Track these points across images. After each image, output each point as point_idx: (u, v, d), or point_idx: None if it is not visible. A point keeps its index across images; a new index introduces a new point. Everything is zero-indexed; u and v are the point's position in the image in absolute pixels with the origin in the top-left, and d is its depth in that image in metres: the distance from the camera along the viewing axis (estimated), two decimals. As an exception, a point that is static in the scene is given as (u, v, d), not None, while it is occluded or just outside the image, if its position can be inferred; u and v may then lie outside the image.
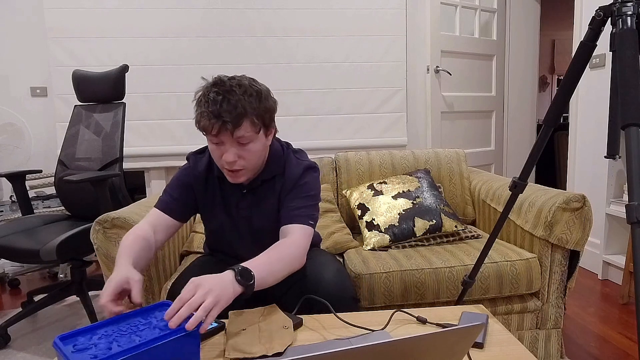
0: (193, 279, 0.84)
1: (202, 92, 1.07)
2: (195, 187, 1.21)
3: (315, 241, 1.41)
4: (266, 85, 1.15)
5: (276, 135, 1.20)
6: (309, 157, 1.31)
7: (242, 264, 0.92)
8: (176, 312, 0.78)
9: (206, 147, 1.24)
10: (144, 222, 1.14)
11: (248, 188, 1.19)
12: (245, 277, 0.88)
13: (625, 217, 1.83)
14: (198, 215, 1.75)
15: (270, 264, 0.98)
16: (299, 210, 1.14)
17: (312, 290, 1.12)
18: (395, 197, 1.78)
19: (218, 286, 0.83)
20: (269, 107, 1.10)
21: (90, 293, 2.08)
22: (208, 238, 1.35)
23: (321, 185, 1.96)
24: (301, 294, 1.11)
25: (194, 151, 1.27)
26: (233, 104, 1.02)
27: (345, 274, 1.22)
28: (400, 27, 3.05)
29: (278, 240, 1.11)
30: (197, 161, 1.23)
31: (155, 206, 1.20)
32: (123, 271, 0.90)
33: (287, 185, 1.18)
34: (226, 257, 1.28)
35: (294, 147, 1.28)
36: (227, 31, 2.89)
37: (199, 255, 1.48)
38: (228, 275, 0.87)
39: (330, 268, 1.18)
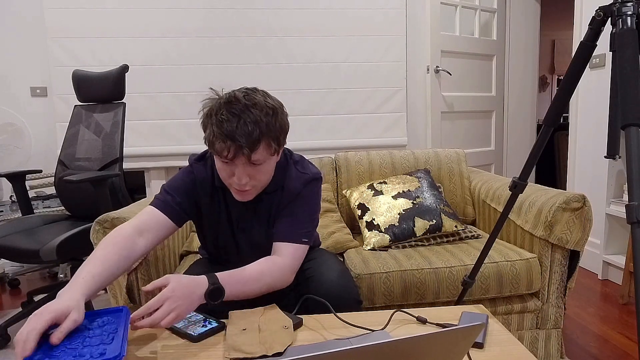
0: (171, 282, 0.88)
1: (212, 107, 1.00)
2: (201, 197, 1.16)
3: (315, 244, 1.39)
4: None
5: None
6: (309, 157, 1.29)
7: (220, 278, 0.94)
8: (140, 317, 0.85)
9: (205, 153, 1.19)
10: (129, 224, 1.04)
11: (250, 202, 1.13)
12: (213, 297, 0.92)
13: (625, 217, 1.83)
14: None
15: (245, 284, 0.98)
16: (293, 228, 1.10)
17: (316, 291, 1.11)
18: (395, 197, 1.78)
19: (186, 301, 0.88)
20: (284, 125, 1.04)
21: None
22: (205, 245, 1.30)
23: (321, 185, 1.97)
24: (304, 294, 1.11)
25: (195, 157, 1.18)
26: (250, 126, 0.95)
27: (349, 275, 1.21)
28: (400, 27, 3.05)
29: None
30: (200, 169, 1.16)
31: (152, 204, 1.10)
32: (67, 301, 0.80)
33: (284, 199, 1.14)
34: (224, 266, 1.26)
35: (295, 154, 1.22)
36: (227, 31, 2.89)
37: (198, 258, 1.44)
38: (201, 288, 0.91)
39: (334, 269, 1.17)
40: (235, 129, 0.95)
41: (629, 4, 0.87)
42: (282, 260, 1.06)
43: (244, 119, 0.96)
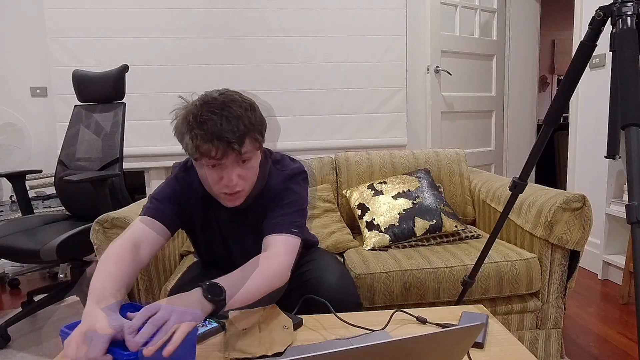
0: (163, 305, 0.76)
1: (188, 112, 0.96)
2: (191, 207, 1.13)
3: (313, 242, 1.39)
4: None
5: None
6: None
7: (214, 280, 0.85)
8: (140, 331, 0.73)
9: (187, 162, 1.15)
10: (127, 236, 0.98)
11: (237, 208, 1.11)
12: (213, 293, 0.82)
13: (625, 217, 1.83)
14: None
15: (244, 279, 0.90)
16: (280, 219, 1.07)
17: (316, 294, 1.10)
18: (395, 197, 1.78)
19: (181, 305, 0.77)
20: (263, 119, 1.03)
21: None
22: (199, 252, 1.28)
23: (321, 185, 1.97)
24: (303, 296, 1.11)
25: (178, 167, 1.15)
26: (233, 121, 0.94)
27: (349, 277, 1.20)
28: (400, 27, 3.05)
29: None
30: (185, 179, 1.13)
31: (145, 214, 1.05)
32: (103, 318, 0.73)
33: (268, 200, 1.11)
34: (218, 271, 1.24)
35: (275, 153, 1.18)
36: (227, 31, 2.89)
37: (196, 259, 1.42)
38: (195, 293, 0.81)
39: (334, 272, 1.16)
40: (220, 126, 0.92)
41: (629, 4, 0.87)
42: (274, 253, 1.00)
43: (226, 116, 0.94)
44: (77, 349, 0.70)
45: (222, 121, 0.93)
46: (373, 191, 1.84)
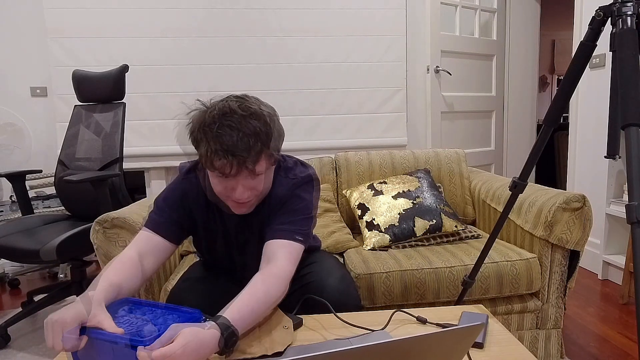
0: (181, 336, 0.73)
1: (205, 120, 0.93)
2: (196, 211, 1.11)
3: (316, 246, 1.37)
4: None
5: None
6: (309, 157, 1.27)
7: (229, 318, 0.81)
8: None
9: (196, 164, 1.12)
10: (131, 250, 1.01)
11: (244, 215, 1.08)
12: (228, 344, 0.79)
13: (625, 217, 1.83)
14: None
15: (258, 311, 0.88)
16: (285, 225, 1.03)
17: (316, 296, 1.10)
18: (395, 197, 1.78)
19: (196, 341, 0.74)
20: (282, 132, 1.00)
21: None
22: (201, 253, 1.28)
23: (321, 185, 1.97)
24: (304, 296, 1.10)
25: (185, 169, 1.13)
26: (252, 139, 0.90)
27: (350, 280, 1.20)
28: (400, 27, 3.05)
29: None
30: (191, 183, 1.11)
31: (147, 226, 1.05)
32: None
33: (273, 208, 1.08)
34: (219, 271, 1.23)
35: (284, 159, 1.15)
36: (227, 31, 2.89)
37: (197, 259, 1.41)
38: (211, 337, 0.77)
39: (334, 275, 1.16)
40: (237, 143, 0.89)
41: (629, 4, 0.87)
42: (278, 268, 0.96)
43: (244, 132, 0.90)
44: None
45: (239, 138, 0.90)
46: (373, 191, 1.84)
